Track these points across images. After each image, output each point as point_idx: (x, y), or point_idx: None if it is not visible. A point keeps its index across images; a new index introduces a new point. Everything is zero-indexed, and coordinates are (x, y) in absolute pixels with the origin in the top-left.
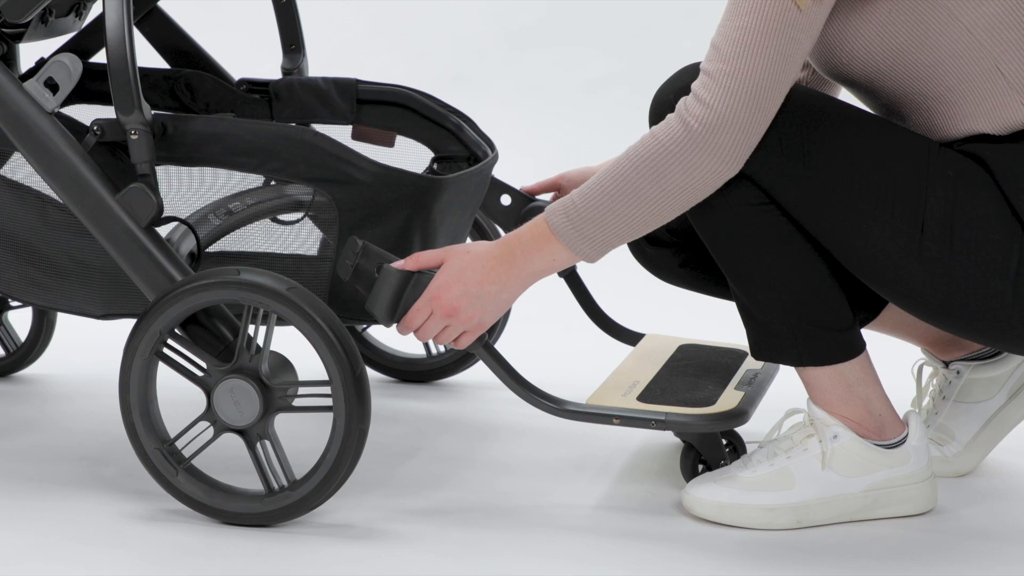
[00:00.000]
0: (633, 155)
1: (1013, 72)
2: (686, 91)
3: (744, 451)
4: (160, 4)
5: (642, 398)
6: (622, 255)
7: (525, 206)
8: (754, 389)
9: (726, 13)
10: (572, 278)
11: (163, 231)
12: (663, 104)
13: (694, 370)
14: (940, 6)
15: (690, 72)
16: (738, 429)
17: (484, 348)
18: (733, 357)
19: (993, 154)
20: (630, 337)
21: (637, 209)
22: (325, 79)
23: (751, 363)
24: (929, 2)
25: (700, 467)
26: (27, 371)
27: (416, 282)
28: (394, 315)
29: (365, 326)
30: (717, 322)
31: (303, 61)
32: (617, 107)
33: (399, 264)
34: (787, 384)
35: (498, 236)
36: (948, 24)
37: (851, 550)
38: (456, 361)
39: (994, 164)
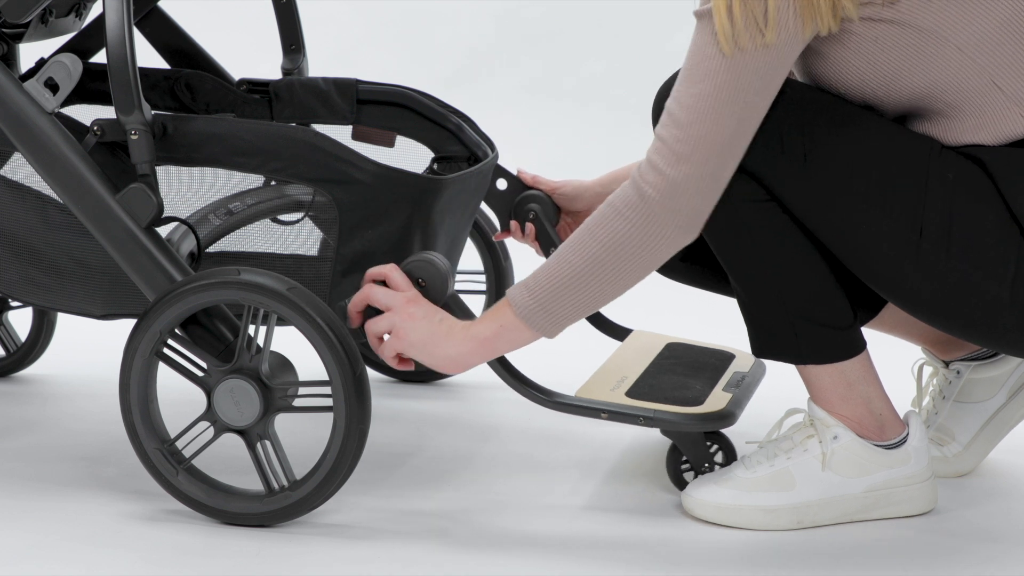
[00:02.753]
0: (593, 226)
1: (1010, 86)
2: None
3: (733, 456)
4: (160, 4)
5: (630, 394)
6: None
7: (520, 193)
8: (742, 391)
9: (680, 79)
10: None
11: (163, 231)
12: (663, 102)
13: (682, 369)
14: (927, 30)
15: None
16: (729, 431)
17: None
18: (721, 359)
19: (994, 158)
20: (617, 332)
21: (598, 281)
22: (325, 79)
23: (738, 365)
24: (915, 28)
25: (684, 468)
26: (27, 371)
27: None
28: None
29: None
30: (709, 323)
31: (303, 61)
32: (615, 107)
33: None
34: (787, 384)
35: (495, 234)
36: (938, 46)
37: (851, 551)
38: None
39: (994, 168)
